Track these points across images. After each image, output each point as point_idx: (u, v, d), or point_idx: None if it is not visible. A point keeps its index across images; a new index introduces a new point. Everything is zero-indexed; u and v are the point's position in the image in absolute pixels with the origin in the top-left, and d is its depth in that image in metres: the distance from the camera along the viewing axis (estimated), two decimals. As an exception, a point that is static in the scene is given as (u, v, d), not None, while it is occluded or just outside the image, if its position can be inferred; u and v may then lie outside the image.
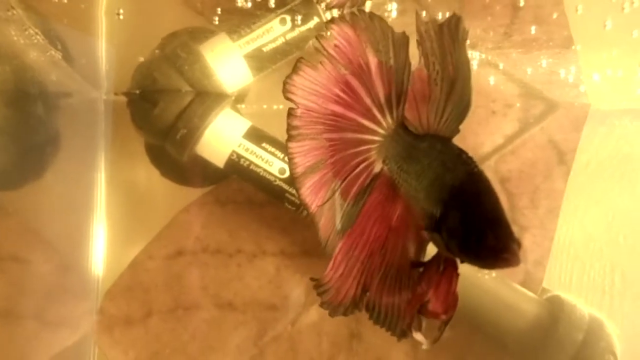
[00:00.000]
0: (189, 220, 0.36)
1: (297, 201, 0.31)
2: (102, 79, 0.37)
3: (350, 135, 0.23)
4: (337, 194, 0.24)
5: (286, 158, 0.32)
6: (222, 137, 0.32)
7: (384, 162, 0.23)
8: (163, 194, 0.37)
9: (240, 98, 0.34)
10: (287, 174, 0.32)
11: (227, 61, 0.32)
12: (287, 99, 0.23)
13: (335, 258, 0.24)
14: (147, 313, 0.35)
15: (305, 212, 0.31)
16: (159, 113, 0.32)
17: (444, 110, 0.22)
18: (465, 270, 0.31)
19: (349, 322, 0.34)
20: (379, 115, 0.23)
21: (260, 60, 0.33)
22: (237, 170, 0.32)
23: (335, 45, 0.23)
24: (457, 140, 0.35)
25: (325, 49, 0.23)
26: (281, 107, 0.36)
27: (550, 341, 0.29)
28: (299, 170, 0.23)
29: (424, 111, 0.23)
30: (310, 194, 0.23)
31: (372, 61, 0.23)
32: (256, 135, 0.32)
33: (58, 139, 0.36)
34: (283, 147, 0.32)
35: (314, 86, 0.23)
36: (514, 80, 0.35)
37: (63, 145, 0.36)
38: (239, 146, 0.32)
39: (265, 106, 0.36)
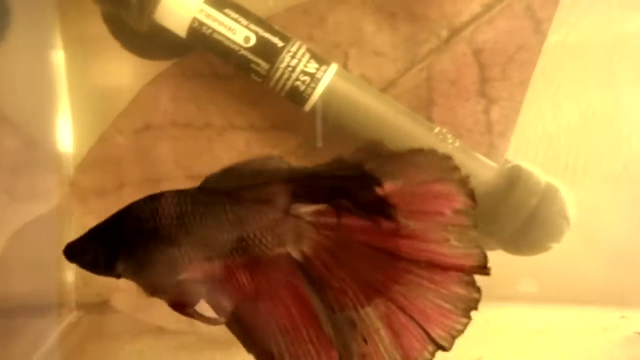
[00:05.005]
0: (155, 95, 0.31)
1: (263, 72, 0.26)
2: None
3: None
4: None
5: (250, 25, 0.26)
6: (181, 3, 0.26)
7: None
8: (126, 67, 0.32)
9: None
10: (252, 42, 0.26)
11: None
12: None
13: None
14: (120, 185, 0.31)
15: (272, 84, 0.27)
16: (110, -25, 0.25)
17: None
18: (429, 139, 0.27)
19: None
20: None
21: None
22: (200, 40, 0.26)
23: None
24: (435, 8, 0.29)
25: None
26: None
27: (506, 206, 0.27)
28: None
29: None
30: None
31: None
32: (218, 1, 0.26)
33: (7, 13, 0.29)
34: (247, 14, 0.27)
35: None
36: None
37: (14, 21, 0.29)
38: (200, 12, 0.26)
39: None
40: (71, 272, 0.33)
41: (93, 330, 0.32)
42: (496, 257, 0.28)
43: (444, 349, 0.22)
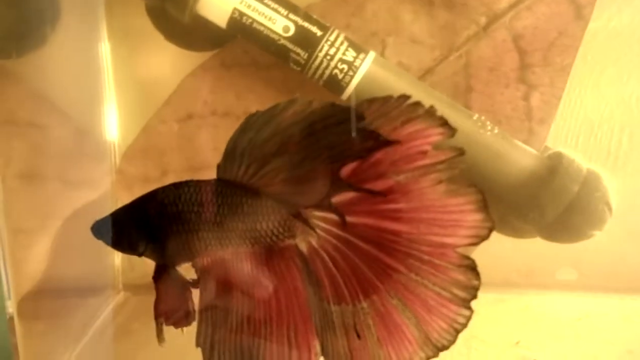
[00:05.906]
0: (196, 85, 0.31)
1: (302, 61, 0.26)
2: None
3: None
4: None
5: (290, 15, 0.26)
6: (222, -6, 0.26)
7: None
8: (169, 58, 0.32)
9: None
10: (291, 31, 0.26)
11: None
12: None
13: None
14: (163, 172, 0.32)
15: (311, 73, 0.27)
16: (154, -32, 0.26)
17: None
18: (468, 127, 0.27)
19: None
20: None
21: None
22: (240, 30, 0.27)
23: None
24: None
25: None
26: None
27: (546, 193, 0.26)
28: None
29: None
30: None
31: None
32: (258, -9, 0.26)
33: (57, 8, 0.30)
34: (286, 4, 0.27)
35: None
36: None
37: (63, 14, 0.30)
38: (241, 3, 0.26)
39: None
40: (118, 256, 0.34)
41: (140, 310, 0.33)
42: (535, 245, 0.28)
43: (443, 348, 0.22)
